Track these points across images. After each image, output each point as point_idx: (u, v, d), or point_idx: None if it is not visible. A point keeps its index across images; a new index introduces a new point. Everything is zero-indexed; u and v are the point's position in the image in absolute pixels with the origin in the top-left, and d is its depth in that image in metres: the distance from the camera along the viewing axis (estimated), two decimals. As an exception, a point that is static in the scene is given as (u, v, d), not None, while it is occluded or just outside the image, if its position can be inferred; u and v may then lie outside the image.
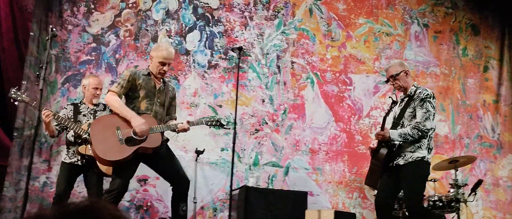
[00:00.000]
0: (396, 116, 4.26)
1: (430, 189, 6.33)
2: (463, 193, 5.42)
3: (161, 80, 4.27)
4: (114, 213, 1.15)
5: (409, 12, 7.33)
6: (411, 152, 4.10)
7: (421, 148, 4.09)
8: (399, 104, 4.34)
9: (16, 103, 4.51)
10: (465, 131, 7.14)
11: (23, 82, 5.61)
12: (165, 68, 4.18)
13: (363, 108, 6.86)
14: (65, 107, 5.01)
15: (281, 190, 5.96)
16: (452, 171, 5.71)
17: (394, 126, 4.18)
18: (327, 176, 6.49)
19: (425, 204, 5.33)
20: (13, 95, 4.43)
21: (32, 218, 1.14)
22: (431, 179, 6.17)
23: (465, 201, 5.44)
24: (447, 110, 7.16)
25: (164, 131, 4.17)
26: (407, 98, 4.26)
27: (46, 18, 5.94)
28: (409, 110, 4.16)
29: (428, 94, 4.13)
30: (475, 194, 5.51)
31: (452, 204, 5.34)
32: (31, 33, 5.74)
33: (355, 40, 7.02)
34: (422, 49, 7.28)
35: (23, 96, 4.45)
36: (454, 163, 5.65)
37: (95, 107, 4.91)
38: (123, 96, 4.12)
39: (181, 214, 4.12)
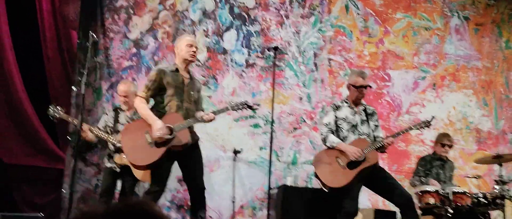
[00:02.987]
0: (359, 125, 4.58)
1: (473, 186, 6.20)
2: (508, 190, 5.29)
3: (189, 74, 4.23)
4: (159, 213, 1.28)
5: (448, 5, 7.16)
6: None
7: None
8: (358, 113, 4.60)
9: (55, 120, 4.77)
10: (509, 126, 6.94)
11: (73, 88, 5.82)
12: (194, 49, 4.18)
13: (402, 104, 6.76)
14: (106, 113, 5.14)
15: (319, 189, 5.92)
16: (496, 167, 5.58)
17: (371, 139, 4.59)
18: (367, 173, 6.42)
19: (469, 202, 5.24)
20: (51, 113, 4.70)
21: (84, 214, 1.26)
22: (474, 176, 6.04)
23: (511, 198, 5.31)
24: (490, 105, 6.97)
25: (191, 126, 4.15)
26: (363, 111, 4.65)
27: (90, 26, 6.10)
28: (373, 123, 4.65)
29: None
30: (522, 190, 5.37)
31: (497, 201, 5.22)
32: (78, 41, 5.92)
33: (393, 36, 6.92)
34: (463, 42, 7.11)
35: (60, 112, 4.72)
36: (498, 159, 5.51)
37: (133, 116, 4.90)
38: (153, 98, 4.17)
39: None
